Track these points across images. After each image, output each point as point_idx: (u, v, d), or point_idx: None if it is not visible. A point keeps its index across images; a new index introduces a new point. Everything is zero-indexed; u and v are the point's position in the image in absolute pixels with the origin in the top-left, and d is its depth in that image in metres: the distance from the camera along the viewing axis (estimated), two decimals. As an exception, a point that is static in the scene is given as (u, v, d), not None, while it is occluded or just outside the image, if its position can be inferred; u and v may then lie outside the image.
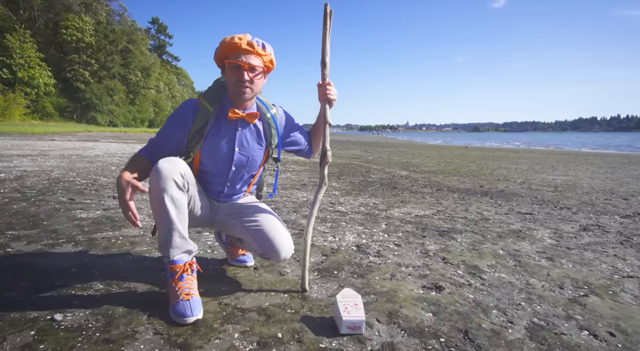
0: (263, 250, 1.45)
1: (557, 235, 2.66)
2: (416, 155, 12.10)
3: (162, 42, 59.26)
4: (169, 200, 1.25)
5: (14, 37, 30.00)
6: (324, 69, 1.45)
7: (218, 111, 1.43)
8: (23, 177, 4.15)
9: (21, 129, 17.43)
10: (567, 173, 7.29)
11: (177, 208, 1.27)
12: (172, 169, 1.26)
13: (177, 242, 1.29)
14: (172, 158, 1.30)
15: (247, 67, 1.35)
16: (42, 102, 32.51)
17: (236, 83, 1.36)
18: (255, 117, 1.47)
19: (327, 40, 1.42)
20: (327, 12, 1.40)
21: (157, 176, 1.24)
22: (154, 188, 1.25)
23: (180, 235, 1.29)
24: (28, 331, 1.13)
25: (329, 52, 1.44)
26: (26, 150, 7.81)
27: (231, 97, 1.43)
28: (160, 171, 1.24)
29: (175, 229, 1.28)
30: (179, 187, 1.27)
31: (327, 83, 1.45)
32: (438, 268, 1.87)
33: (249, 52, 1.35)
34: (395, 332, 1.23)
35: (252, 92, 1.41)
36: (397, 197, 4.05)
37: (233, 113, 1.41)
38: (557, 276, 1.82)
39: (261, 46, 1.38)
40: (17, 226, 2.28)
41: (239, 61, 1.34)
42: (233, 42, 1.34)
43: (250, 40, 1.35)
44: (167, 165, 1.26)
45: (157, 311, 1.29)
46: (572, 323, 1.36)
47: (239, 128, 1.47)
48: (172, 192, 1.25)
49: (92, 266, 1.70)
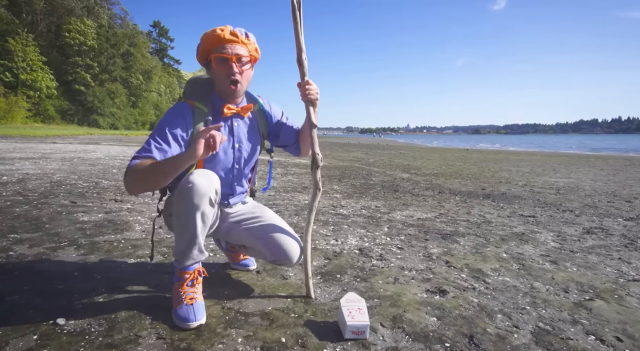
0: (275, 257, 1.44)
1: (561, 238, 2.65)
2: (417, 158, 12.09)
3: (163, 46, 59.50)
4: (200, 216, 1.21)
5: (17, 40, 30.18)
6: (300, 67, 1.34)
7: (212, 111, 1.39)
8: (25, 180, 4.16)
9: (23, 132, 17.49)
10: (569, 176, 7.27)
11: (204, 224, 1.24)
12: (209, 186, 1.20)
13: (195, 254, 1.28)
14: (207, 172, 1.24)
15: (234, 58, 1.30)
16: (44, 105, 32.63)
17: (226, 78, 1.31)
18: (249, 110, 1.44)
19: (300, 35, 1.30)
20: (294, 4, 1.27)
21: (192, 191, 1.17)
22: (186, 202, 1.18)
23: (199, 249, 1.28)
24: (31, 336, 1.13)
25: (304, 48, 1.31)
26: (28, 153, 7.82)
27: (221, 93, 1.38)
28: (197, 186, 1.17)
29: (197, 243, 1.26)
30: (211, 203, 1.23)
31: (306, 82, 1.34)
32: (441, 272, 1.86)
33: (234, 42, 1.30)
34: (399, 337, 1.22)
35: (243, 86, 1.37)
36: (399, 199, 4.04)
37: (228, 109, 1.38)
38: (561, 280, 1.81)
39: (244, 35, 1.34)
40: (19, 229, 2.28)
41: (225, 53, 1.29)
42: (215, 34, 1.29)
43: (232, 30, 1.31)
44: (204, 181, 1.19)
45: (160, 315, 1.28)
46: (578, 327, 1.34)
47: (235, 123, 1.43)
48: (205, 209, 1.21)
49: (95, 269, 1.69)
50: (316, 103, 1.38)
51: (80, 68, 37.17)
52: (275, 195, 3.95)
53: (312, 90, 1.35)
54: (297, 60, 1.33)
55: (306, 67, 1.34)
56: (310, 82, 1.35)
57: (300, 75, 1.35)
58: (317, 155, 1.40)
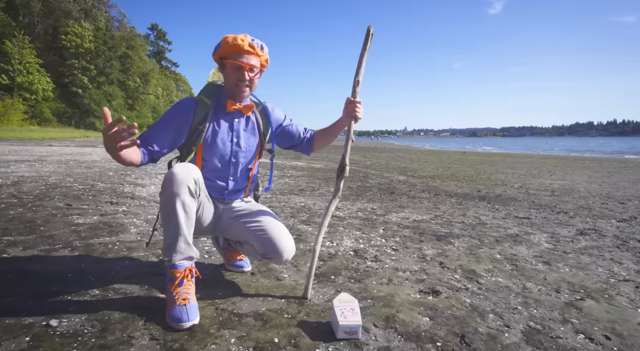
0: (265, 250, 1.46)
1: (554, 239, 2.67)
2: (414, 160, 12.14)
3: (161, 48, 59.50)
4: (180, 205, 1.27)
5: (13, 43, 30.11)
6: (356, 87, 1.53)
7: (216, 104, 1.50)
8: (20, 183, 4.14)
9: (19, 135, 17.40)
10: (564, 178, 7.32)
11: (186, 214, 1.29)
12: (187, 175, 1.28)
13: (182, 247, 1.30)
14: (187, 164, 1.33)
15: (248, 67, 1.43)
16: (40, 107, 32.49)
17: (236, 82, 1.45)
18: (250, 109, 1.54)
19: (363, 60, 1.51)
20: (369, 34, 1.49)
21: (171, 180, 1.26)
22: (167, 192, 1.27)
23: (185, 241, 1.30)
24: (23, 338, 1.13)
25: (362, 71, 1.52)
26: (24, 155, 7.79)
27: (229, 92, 1.50)
28: (175, 175, 1.26)
29: (182, 234, 1.29)
30: (191, 193, 1.29)
31: (357, 101, 1.52)
32: (435, 273, 1.87)
33: (250, 53, 1.43)
34: (392, 337, 1.23)
35: (250, 90, 1.50)
36: (395, 201, 4.06)
37: (231, 105, 1.48)
38: (553, 281, 1.82)
39: (260, 47, 1.47)
40: (13, 232, 2.27)
41: (241, 62, 1.41)
42: (236, 43, 1.41)
43: (251, 42, 1.43)
44: (182, 170, 1.28)
45: (154, 316, 1.29)
46: (568, 326, 1.36)
47: (235, 119, 1.53)
48: (184, 198, 1.27)
49: (89, 271, 1.69)
50: (358, 120, 1.56)
51: (77, 70, 37.07)
52: (272, 198, 3.96)
53: (360, 110, 1.54)
54: (355, 80, 1.53)
55: (360, 87, 1.54)
56: (361, 102, 1.53)
57: (352, 92, 1.54)
58: (347, 166, 1.53)
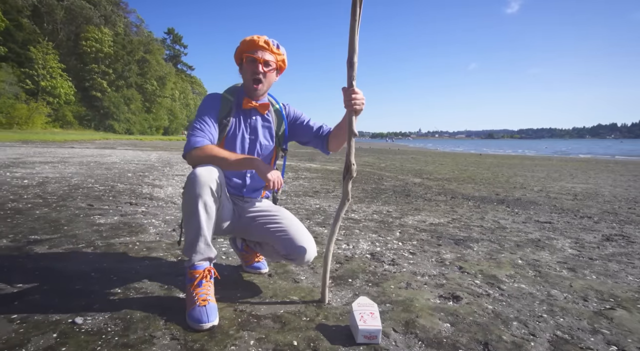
0: (287, 251, 1.46)
1: (579, 245, 2.58)
2: (429, 162, 11.98)
3: (177, 52, 60.83)
4: (202, 205, 1.28)
5: (38, 49, 31.38)
6: (350, 70, 1.25)
7: (236, 101, 1.55)
8: (45, 183, 4.28)
9: (43, 137, 18.06)
10: (587, 181, 7.09)
11: (207, 214, 1.30)
12: (209, 176, 1.29)
13: (202, 247, 1.32)
14: (210, 167, 1.33)
15: (262, 60, 1.47)
16: (62, 110, 33.71)
17: (251, 75, 1.48)
18: (266, 108, 1.57)
19: (356, 34, 1.20)
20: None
21: (194, 181, 1.28)
22: (189, 192, 1.29)
23: (205, 241, 1.32)
24: (51, 334, 1.15)
25: (357, 49, 1.22)
26: (47, 157, 8.06)
27: (246, 89, 1.54)
28: (198, 176, 1.28)
29: (202, 235, 1.31)
30: (212, 194, 1.30)
31: (353, 90, 1.29)
32: (455, 278, 1.83)
33: (265, 49, 1.48)
34: (412, 342, 1.21)
35: (264, 86, 1.52)
36: (411, 204, 4.01)
37: (247, 102, 1.52)
38: (580, 288, 1.76)
39: (276, 46, 1.52)
40: (39, 231, 2.34)
41: (255, 55, 1.47)
42: (252, 39, 1.48)
43: (267, 39, 1.49)
44: (205, 171, 1.30)
45: (174, 316, 1.30)
46: (599, 337, 1.30)
47: (253, 116, 1.57)
48: (206, 198, 1.28)
49: (111, 271, 1.73)
50: (359, 112, 1.34)
51: (97, 75, 38.30)
52: (287, 199, 3.97)
53: (359, 99, 1.31)
54: (348, 61, 1.24)
55: (356, 70, 1.27)
56: (357, 90, 1.30)
57: (347, 79, 1.27)
58: (352, 166, 1.35)
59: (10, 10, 30.13)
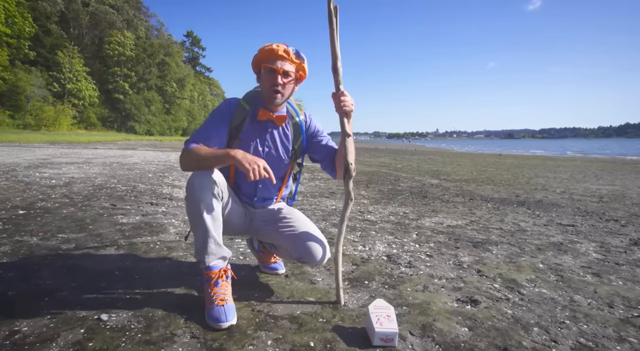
0: (300, 254, 1.47)
1: (604, 249, 2.49)
2: (447, 163, 11.78)
3: (195, 54, 62.06)
4: (205, 209, 1.31)
5: (64, 53, 32.71)
6: (336, 76, 1.34)
7: (252, 111, 1.51)
8: (71, 184, 4.46)
9: (68, 138, 18.79)
10: (614, 183, 6.81)
11: (212, 216, 1.33)
12: (207, 179, 1.32)
13: (213, 248, 1.35)
14: (206, 171, 1.35)
15: (281, 71, 1.42)
16: (87, 112, 35.01)
17: (270, 87, 1.44)
18: (283, 120, 1.53)
19: (336, 42, 1.29)
20: (331, 9, 1.26)
21: (193, 186, 1.31)
22: (191, 198, 1.32)
23: (215, 242, 1.34)
24: (78, 329, 1.21)
25: (339, 55, 1.31)
26: (73, 158, 8.38)
27: (264, 99, 1.50)
28: (196, 181, 1.31)
29: (211, 236, 1.33)
30: (214, 196, 1.33)
31: (341, 93, 1.37)
32: (473, 281, 1.80)
33: (284, 59, 1.43)
34: (429, 346, 1.20)
35: (283, 97, 1.47)
36: (428, 206, 3.96)
37: (263, 113, 1.49)
38: (605, 294, 1.70)
39: (296, 54, 1.46)
40: (67, 229, 2.45)
41: (274, 66, 1.42)
42: (271, 49, 1.43)
43: (286, 48, 1.44)
44: (202, 176, 1.32)
45: (194, 315, 1.34)
46: (626, 346, 1.26)
47: (269, 129, 1.53)
48: (208, 201, 1.31)
49: (134, 269, 1.79)
50: (350, 114, 1.40)
51: (119, 77, 39.57)
52: (303, 200, 3.99)
53: (347, 101, 1.38)
54: (332, 67, 1.33)
55: (341, 75, 1.35)
56: (345, 93, 1.37)
57: (335, 84, 1.35)
58: (350, 165, 1.39)
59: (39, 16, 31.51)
